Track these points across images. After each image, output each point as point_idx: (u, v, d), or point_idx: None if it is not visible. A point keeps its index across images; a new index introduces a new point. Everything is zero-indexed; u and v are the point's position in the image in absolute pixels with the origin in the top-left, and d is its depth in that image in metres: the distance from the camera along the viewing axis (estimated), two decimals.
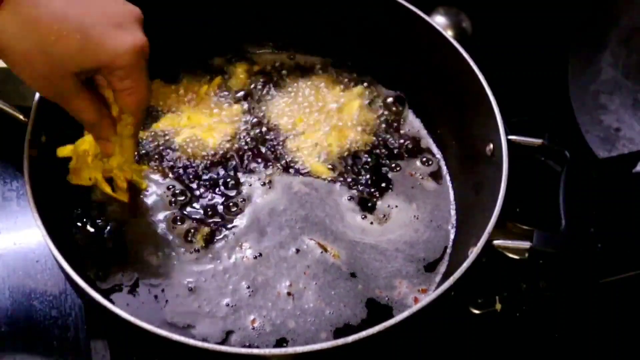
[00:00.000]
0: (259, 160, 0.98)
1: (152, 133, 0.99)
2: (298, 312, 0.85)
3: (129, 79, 0.73)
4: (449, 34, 0.95)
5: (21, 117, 0.82)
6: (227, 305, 0.85)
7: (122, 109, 0.79)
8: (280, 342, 0.82)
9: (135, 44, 0.71)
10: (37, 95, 0.83)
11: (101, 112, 0.78)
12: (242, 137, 1.00)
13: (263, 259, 0.88)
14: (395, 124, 1.04)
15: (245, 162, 0.98)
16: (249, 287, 0.86)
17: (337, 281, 0.88)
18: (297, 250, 0.89)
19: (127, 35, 0.71)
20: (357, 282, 0.88)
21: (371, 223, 0.93)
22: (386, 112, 1.05)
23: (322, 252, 0.90)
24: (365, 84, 1.07)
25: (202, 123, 1.00)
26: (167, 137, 0.98)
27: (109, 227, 0.89)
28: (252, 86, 1.06)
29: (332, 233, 0.92)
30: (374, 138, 1.02)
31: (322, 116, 1.02)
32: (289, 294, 0.86)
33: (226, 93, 1.05)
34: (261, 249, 0.89)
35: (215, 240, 0.90)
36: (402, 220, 0.94)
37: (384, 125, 1.04)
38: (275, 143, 1.00)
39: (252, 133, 1.01)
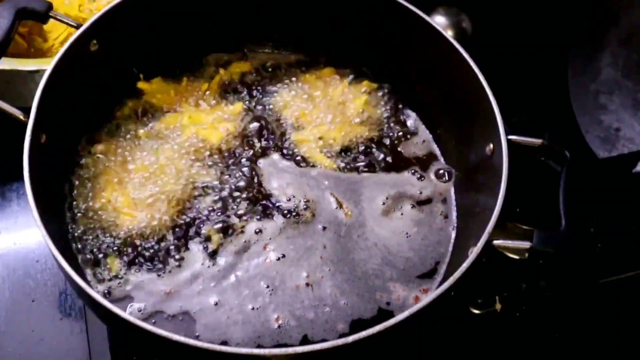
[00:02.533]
0: (266, 154, 0.99)
1: (155, 132, 0.99)
2: (317, 303, 0.86)
3: None
4: (449, 34, 0.95)
5: (21, 117, 0.82)
6: (253, 309, 0.85)
7: None
8: (305, 337, 0.84)
9: None
10: (38, 95, 0.83)
11: None
12: (244, 133, 1.00)
13: (286, 259, 0.89)
14: (395, 123, 1.04)
15: (252, 157, 0.98)
16: (268, 287, 0.87)
17: (345, 267, 0.89)
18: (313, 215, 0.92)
19: None
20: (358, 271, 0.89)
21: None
22: (386, 111, 1.05)
23: (337, 207, 0.92)
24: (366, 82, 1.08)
25: (203, 121, 1.00)
26: (169, 136, 0.98)
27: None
28: (253, 83, 1.06)
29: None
30: (378, 133, 1.03)
31: (326, 110, 1.03)
32: (307, 284, 0.87)
33: (227, 91, 1.05)
34: (284, 249, 0.90)
35: (244, 249, 0.90)
36: (399, 224, 0.95)
37: (386, 122, 1.04)
38: (278, 135, 1.01)
39: (254, 129, 1.01)
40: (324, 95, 1.05)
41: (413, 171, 0.99)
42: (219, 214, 0.92)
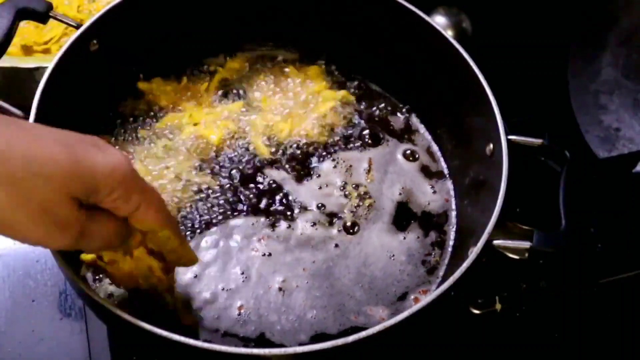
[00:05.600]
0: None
1: (155, 132, 0.99)
2: (283, 309, 0.86)
3: (134, 193, 0.64)
4: (449, 34, 0.95)
5: (21, 116, 0.82)
6: (223, 289, 0.86)
7: (147, 231, 0.70)
8: (261, 336, 0.83)
9: (122, 159, 0.63)
10: (37, 95, 0.83)
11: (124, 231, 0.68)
12: (244, 132, 1.00)
13: (271, 257, 0.89)
14: (389, 122, 1.05)
15: (254, 155, 0.98)
16: (242, 273, 0.87)
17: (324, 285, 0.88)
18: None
19: (109, 153, 0.63)
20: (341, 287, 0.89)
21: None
22: (380, 109, 1.06)
23: (366, 170, 0.97)
24: (356, 83, 1.08)
25: (203, 120, 1.00)
26: (170, 136, 0.98)
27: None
28: (252, 82, 1.06)
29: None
30: (329, 139, 1.01)
31: (290, 104, 1.03)
32: (280, 289, 0.87)
33: (227, 89, 1.05)
34: (273, 248, 0.90)
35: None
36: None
37: (345, 134, 1.03)
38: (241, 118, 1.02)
39: (250, 127, 1.01)
40: (297, 91, 1.05)
41: (431, 186, 0.99)
42: (220, 213, 0.92)
